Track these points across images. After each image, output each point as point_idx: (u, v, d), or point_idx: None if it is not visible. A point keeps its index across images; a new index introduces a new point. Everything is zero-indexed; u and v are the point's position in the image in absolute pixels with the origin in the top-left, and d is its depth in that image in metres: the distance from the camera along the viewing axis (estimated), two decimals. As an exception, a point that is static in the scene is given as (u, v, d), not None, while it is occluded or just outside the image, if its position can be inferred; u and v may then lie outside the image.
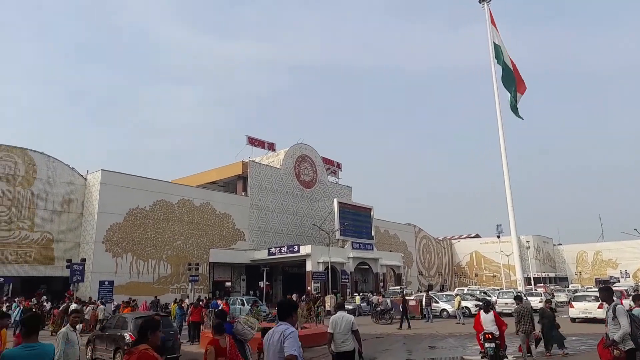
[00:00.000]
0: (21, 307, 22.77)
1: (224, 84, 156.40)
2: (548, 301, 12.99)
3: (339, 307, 7.91)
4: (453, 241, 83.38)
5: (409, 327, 20.96)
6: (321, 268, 39.32)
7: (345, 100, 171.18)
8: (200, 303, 20.44)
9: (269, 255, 42.01)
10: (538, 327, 11.98)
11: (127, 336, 12.17)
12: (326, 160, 57.68)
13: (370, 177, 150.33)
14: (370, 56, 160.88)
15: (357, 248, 45.37)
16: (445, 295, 31.10)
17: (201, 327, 18.10)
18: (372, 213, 50.99)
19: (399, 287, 40.87)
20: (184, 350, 16.50)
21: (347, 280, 41.79)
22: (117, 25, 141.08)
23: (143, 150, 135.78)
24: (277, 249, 42.06)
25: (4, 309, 22.87)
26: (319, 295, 32.74)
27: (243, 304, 28.01)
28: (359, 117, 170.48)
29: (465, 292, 33.99)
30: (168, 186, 40.79)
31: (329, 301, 29.88)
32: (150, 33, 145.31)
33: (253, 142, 49.01)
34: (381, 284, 46.76)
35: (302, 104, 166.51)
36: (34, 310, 21.58)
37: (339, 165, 59.96)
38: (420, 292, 38.84)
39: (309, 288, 38.27)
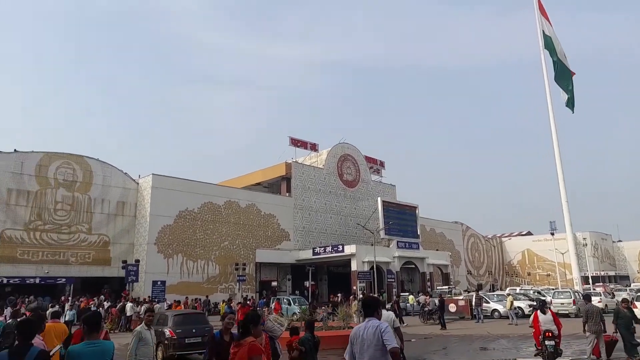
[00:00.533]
0: (74, 309, 23.77)
1: (266, 86, 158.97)
2: (625, 300, 12.02)
3: (382, 305, 8.26)
4: (503, 239, 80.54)
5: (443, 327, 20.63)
6: (366, 268, 39.05)
7: (388, 98, 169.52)
8: (248, 302, 20.80)
9: (313, 255, 42.22)
10: (611, 328, 11.19)
11: (167, 332, 12.60)
12: (369, 159, 57.29)
13: (415, 175, 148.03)
14: (413, 51, 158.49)
15: (403, 247, 44.73)
16: (496, 295, 30.05)
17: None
18: (417, 211, 50.14)
19: (446, 287, 39.93)
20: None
21: (393, 280, 41.28)
22: (158, 30, 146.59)
23: (189, 154, 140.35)
24: (322, 248, 42.18)
25: (67, 308, 24.23)
26: (364, 294, 32.54)
27: (289, 304, 28.26)
28: (403, 114, 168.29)
29: (517, 291, 32.73)
30: (214, 188, 41.87)
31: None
32: (192, 38, 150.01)
33: (295, 143, 49.43)
34: (428, 283, 45.87)
35: (344, 104, 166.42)
36: (94, 309, 22.70)
37: (382, 164, 59.38)
38: (469, 291, 37.74)
39: (355, 288, 38.11)
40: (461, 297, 28.90)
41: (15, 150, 32.89)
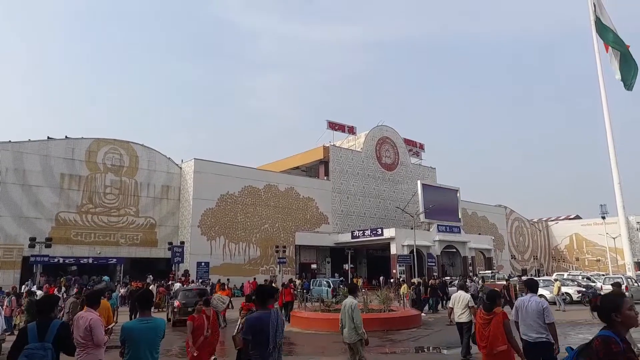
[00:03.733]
0: (121, 291, 24.91)
1: (303, 70, 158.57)
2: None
3: (461, 287, 10.48)
4: (550, 223, 77.64)
5: None
6: (406, 251, 38.75)
7: (427, 78, 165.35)
8: (291, 284, 21.11)
9: (352, 238, 42.26)
10: None
11: (175, 303, 17.42)
12: (408, 142, 56.32)
13: (456, 158, 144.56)
14: (455, 29, 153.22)
15: (443, 231, 44.00)
16: (542, 280, 29.04)
17: (293, 306, 18.72)
18: (458, 194, 49.07)
19: (489, 272, 39.07)
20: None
21: (433, 264, 40.80)
22: (197, 16, 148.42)
23: (229, 138, 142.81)
24: (361, 232, 42.14)
25: (121, 290, 25.38)
26: (403, 280, 32.42)
27: (329, 286, 28.49)
28: (443, 95, 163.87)
29: (565, 277, 31.54)
30: (254, 172, 42.51)
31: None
32: (229, 22, 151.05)
33: (333, 126, 49.21)
34: (470, 268, 45.03)
35: (381, 86, 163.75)
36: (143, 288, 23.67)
37: (421, 146, 58.28)
38: (513, 277, 36.77)
39: (394, 271, 37.97)
40: (504, 282, 28.16)
41: (66, 136, 34.49)
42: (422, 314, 19.08)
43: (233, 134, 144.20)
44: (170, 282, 27.14)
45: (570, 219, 78.84)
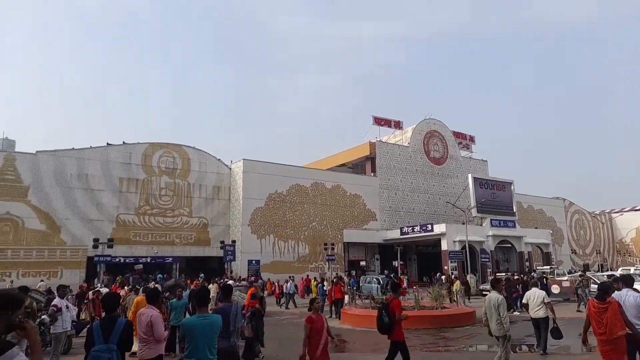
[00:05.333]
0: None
1: (346, 67, 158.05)
2: None
3: (534, 284, 10.80)
4: (613, 215, 72.96)
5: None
6: (458, 247, 37.71)
7: (475, 69, 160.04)
8: (341, 282, 21.15)
9: (401, 234, 41.67)
10: None
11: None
12: (457, 134, 54.78)
13: (509, 150, 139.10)
14: (503, 18, 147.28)
15: (497, 225, 42.41)
16: (606, 275, 27.37)
17: (343, 303, 18.72)
18: (512, 187, 47.16)
19: (548, 267, 37.26)
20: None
21: (487, 260, 39.40)
22: (235, 18, 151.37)
23: (276, 138, 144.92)
24: (410, 228, 41.45)
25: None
26: (455, 276, 31.64)
27: (379, 283, 28.26)
28: (493, 86, 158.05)
29: (632, 272, 29.54)
30: (301, 171, 42.88)
31: (469, 281, 28.59)
32: (260, 24, 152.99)
33: (379, 121, 48.71)
34: (526, 263, 43.17)
35: (426, 80, 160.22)
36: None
37: (471, 139, 56.50)
38: (574, 272, 34.88)
39: (446, 268, 37.06)
40: (565, 278, 26.87)
41: (123, 142, 36.31)
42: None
43: (280, 134, 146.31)
44: (224, 280, 27.93)
45: (636, 210, 73.71)
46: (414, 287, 26.19)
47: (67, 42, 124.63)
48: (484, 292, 28.93)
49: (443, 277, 32.35)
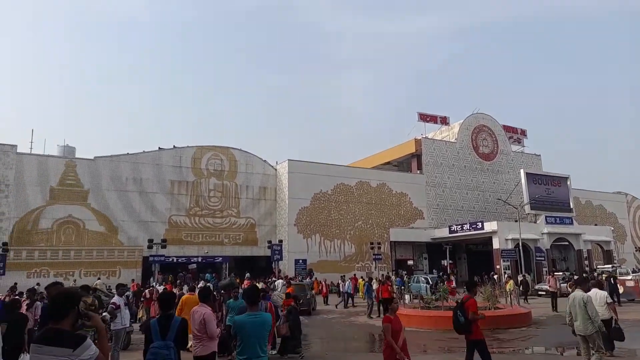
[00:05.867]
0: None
1: (386, 65, 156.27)
2: None
3: (595, 285, 10.10)
4: (683, 210, 67.73)
5: None
6: (510, 245, 36.33)
7: (522, 61, 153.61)
8: (388, 281, 20.90)
9: (450, 233, 40.66)
10: None
11: None
12: (508, 128, 52.76)
13: (565, 143, 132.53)
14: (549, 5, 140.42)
15: (552, 222, 40.48)
16: (678, 275, 25.46)
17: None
18: (568, 182, 44.87)
19: (609, 266, 35.16)
20: (374, 324, 17.15)
21: (542, 259, 37.70)
22: (280, 19, 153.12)
23: (320, 138, 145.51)
24: (459, 226, 40.35)
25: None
26: (509, 276, 30.49)
27: (427, 282, 27.72)
28: (545, 77, 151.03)
29: None
30: (346, 170, 42.82)
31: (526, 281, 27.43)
32: (307, 24, 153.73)
33: (424, 118, 47.78)
34: (586, 262, 40.93)
35: (472, 74, 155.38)
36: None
37: (523, 132, 54.26)
38: (638, 271, 32.68)
39: (498, 267, 35.81)
40: (629, 277, 25.29)
41: (174, 146, 37.70)
42: None
43: (322, 133, 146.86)
44: (272, 279, 28.35)
45: None
46: (465, 286, 25.46)
47: (129, 56, 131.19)
48: (539, 293, 27.71)
49: (495, 276, 31.28)
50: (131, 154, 35.78)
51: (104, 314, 9.92)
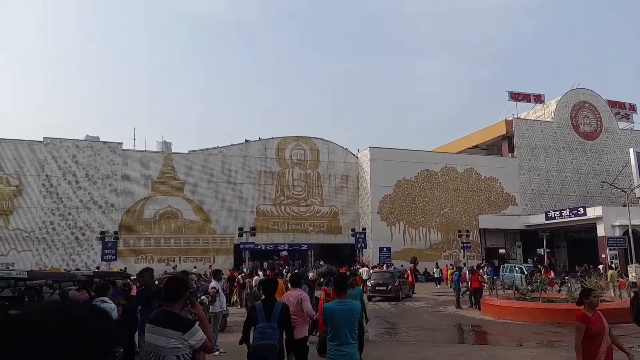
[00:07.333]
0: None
1: (469, 45, 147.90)
2: None
3: None
4: None
5: None
6: (618, 233, 32.88)
7: (627, 29, 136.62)
8: (479, 270, 19.96)
9: (547, 219, 37.73)
10: None
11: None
12: (613, 104, 47.47)
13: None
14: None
15: (670, 207, 35.91)
16: None
17: (482, 293, 17.73)
18: (689, 161, 39.46)
19: None
20: (464, 315, 16.51)
21: (657, 247, 33.65)
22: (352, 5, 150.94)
23: (401, 124, 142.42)
24: (557, 212, 37.29)
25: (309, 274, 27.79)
26: (614, 265, 27.67)
27: (522, 272, 26.08)
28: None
29: None
30: (430, 155, 41.54)
31: (634, 272, 24.71)
32: (380, 10, 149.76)
33: (516, 97, 44.55)
34: None
35: (567, 47, 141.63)
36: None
37: (632, 107, 48.49)
38: None
39: (603, 256, 32.64)
40: None
41: (259, 138, 39.16)
42: None
43: (404, 120, 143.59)
44: (357, 267, 28.47)
45: None
46: (566, 277, 23.56)
47: (210, 55, 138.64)
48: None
49: (600, 266, 28.59)
50: (220, 147, 37.80)
51: (202, 297, 10.58)
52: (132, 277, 14.76)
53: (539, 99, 45.33)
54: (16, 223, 31.58)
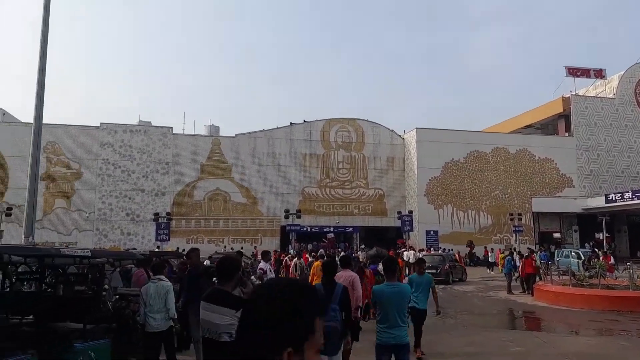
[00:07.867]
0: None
1: (527, 19, 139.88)
2: None
3: None
4: None
5: None
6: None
7: None
8: (533, 255, 19.17)
9: (606, 202, 35.58)
10: None
11: None
12: (685, 76, 43.63)
13: None
14: None
15: None
16: None
17: (536, 279, 17.11)
18: None
19: None
20: (516, 300, 15.99)
21: None
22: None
23: (449, 103, 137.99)
24: (619, 195, 35.03)
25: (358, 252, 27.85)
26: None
27: (579, 257, 24.86)
28: None
29: None
30: (480, 136, 40.11)
31: None
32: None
33: (574, 72, 41.83)
34: None
35: (631, 15, 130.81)
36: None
37: None
38: None
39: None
40: None
41: (304, 120, 39.20)
42: None
43: (453, 98, 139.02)
44: (402, 250, 28.17)
45: None
46: (628, 263, 22.20)
47: (253, 39, 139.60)
48: None
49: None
50: (266, 130, 38.20)
51: (251, 277, 10.83)
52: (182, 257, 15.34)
53: (599, 74, 42.38)
54: (77, 204, 33.56)
